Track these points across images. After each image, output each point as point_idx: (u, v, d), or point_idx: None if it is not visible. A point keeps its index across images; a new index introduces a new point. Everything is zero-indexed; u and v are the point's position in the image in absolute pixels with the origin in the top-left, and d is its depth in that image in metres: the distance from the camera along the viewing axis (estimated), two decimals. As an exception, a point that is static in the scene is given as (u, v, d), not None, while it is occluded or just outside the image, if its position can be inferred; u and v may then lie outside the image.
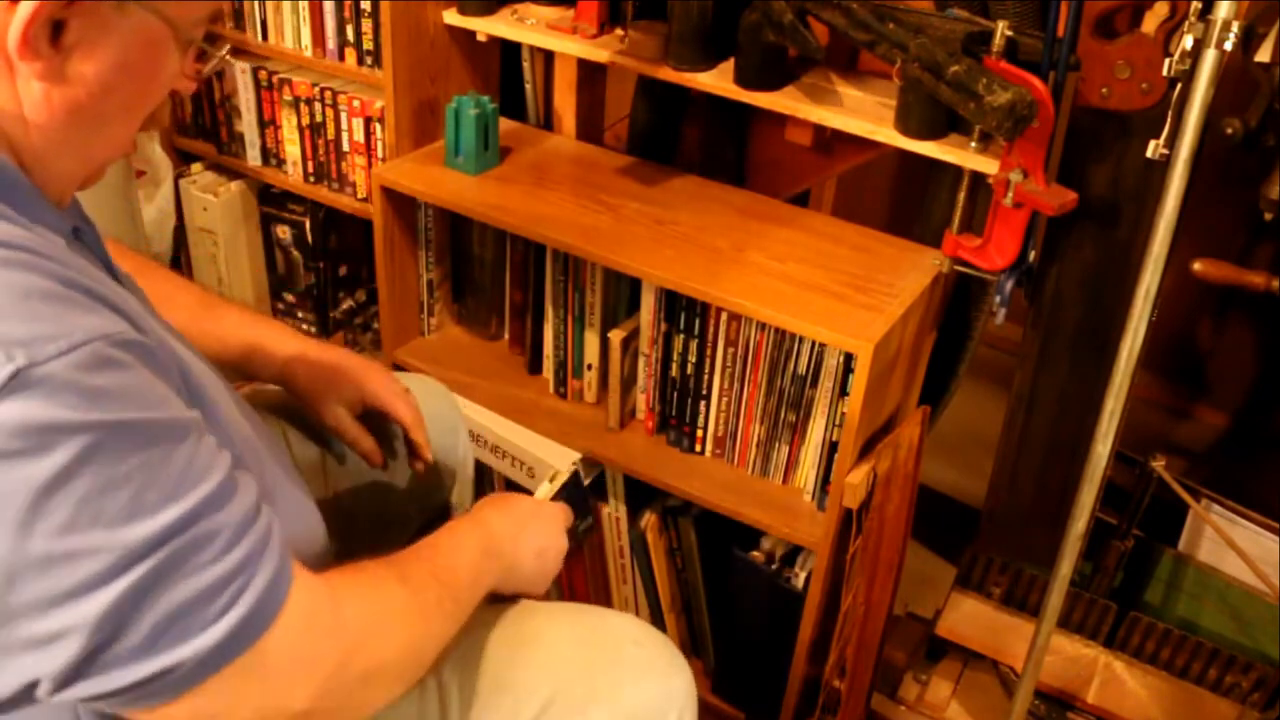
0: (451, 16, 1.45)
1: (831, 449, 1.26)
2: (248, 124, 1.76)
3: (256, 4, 1.65)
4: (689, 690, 0.92)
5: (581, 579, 1.57)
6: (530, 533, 0.93)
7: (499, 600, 0.92)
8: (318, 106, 1.66)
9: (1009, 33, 1.08)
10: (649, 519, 1.43)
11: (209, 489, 0.60)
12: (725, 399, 1.34)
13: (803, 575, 1.34)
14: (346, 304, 1.91)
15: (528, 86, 1.54)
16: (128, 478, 0.56)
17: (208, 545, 0.60)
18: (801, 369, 1.26)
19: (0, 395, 0.52)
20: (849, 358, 1.19)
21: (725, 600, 1.47)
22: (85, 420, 0.54)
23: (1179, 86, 0.95)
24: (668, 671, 0.91)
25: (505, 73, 1.57)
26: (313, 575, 0.68)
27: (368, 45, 1.57)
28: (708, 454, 1.39)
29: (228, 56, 0.76)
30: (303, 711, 0.66)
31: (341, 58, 1.61)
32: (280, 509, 0.69)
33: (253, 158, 1.79)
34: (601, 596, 1.56)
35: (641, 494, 1.43)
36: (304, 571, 0.67)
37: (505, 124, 1.48)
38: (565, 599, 1.59)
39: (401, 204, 1.48)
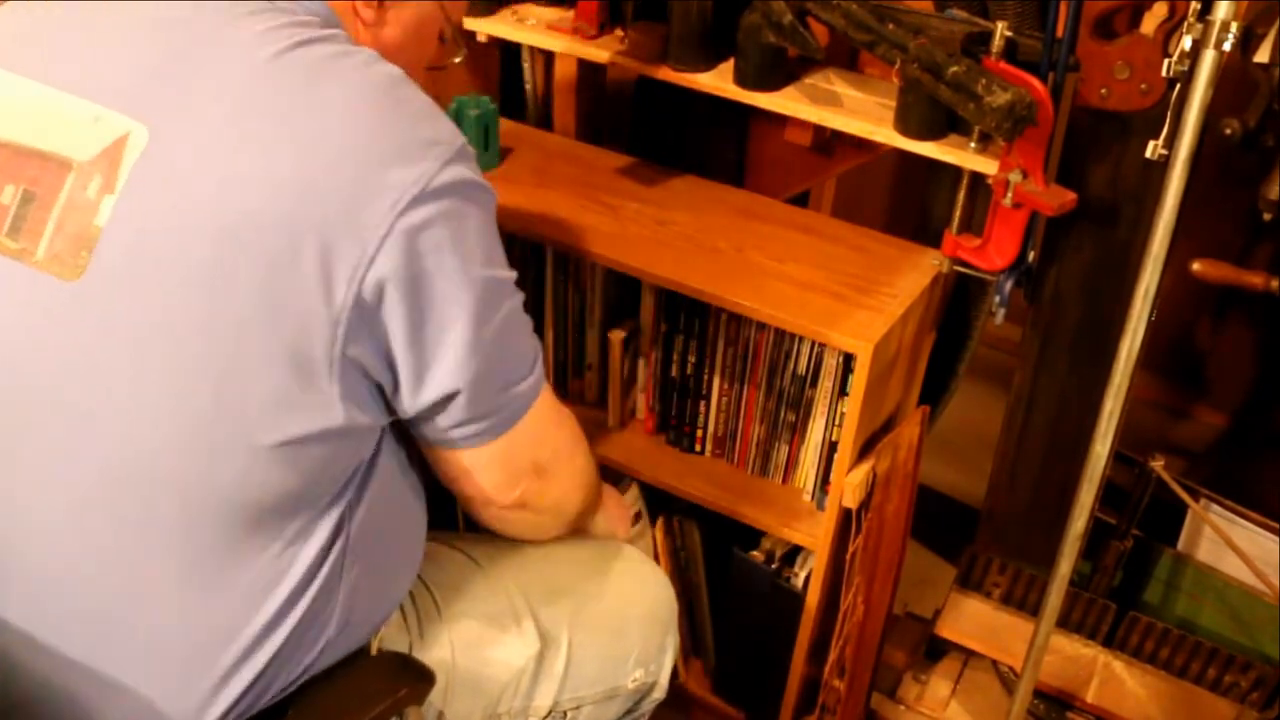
0: (452, 17, 1.45)
1: (831, 449, 1.26)
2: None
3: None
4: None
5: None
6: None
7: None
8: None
9: (1008, 33, 1.08)
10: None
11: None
12: (725, 399, 1.34)
13: (802, 575, 1.34)
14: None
15: (528, 86, 1.54)
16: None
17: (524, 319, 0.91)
18: (801, 369, 1.26)
19: (450, 161, 0.81)
20: (848, 358, 1.19)
21: (725, 600, 1.47)
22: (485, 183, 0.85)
23: (1178, 87, 0.95)
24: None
25: (505, 73, 1.57)
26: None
27: (368, 45, 1.57)
28: (707, 454, 1.39)
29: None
30: (539, 466, 0.95)
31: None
32: None
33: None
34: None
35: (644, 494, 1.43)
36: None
37: (505, 124, 1.48)
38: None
39: (402, 204, 1.48)
